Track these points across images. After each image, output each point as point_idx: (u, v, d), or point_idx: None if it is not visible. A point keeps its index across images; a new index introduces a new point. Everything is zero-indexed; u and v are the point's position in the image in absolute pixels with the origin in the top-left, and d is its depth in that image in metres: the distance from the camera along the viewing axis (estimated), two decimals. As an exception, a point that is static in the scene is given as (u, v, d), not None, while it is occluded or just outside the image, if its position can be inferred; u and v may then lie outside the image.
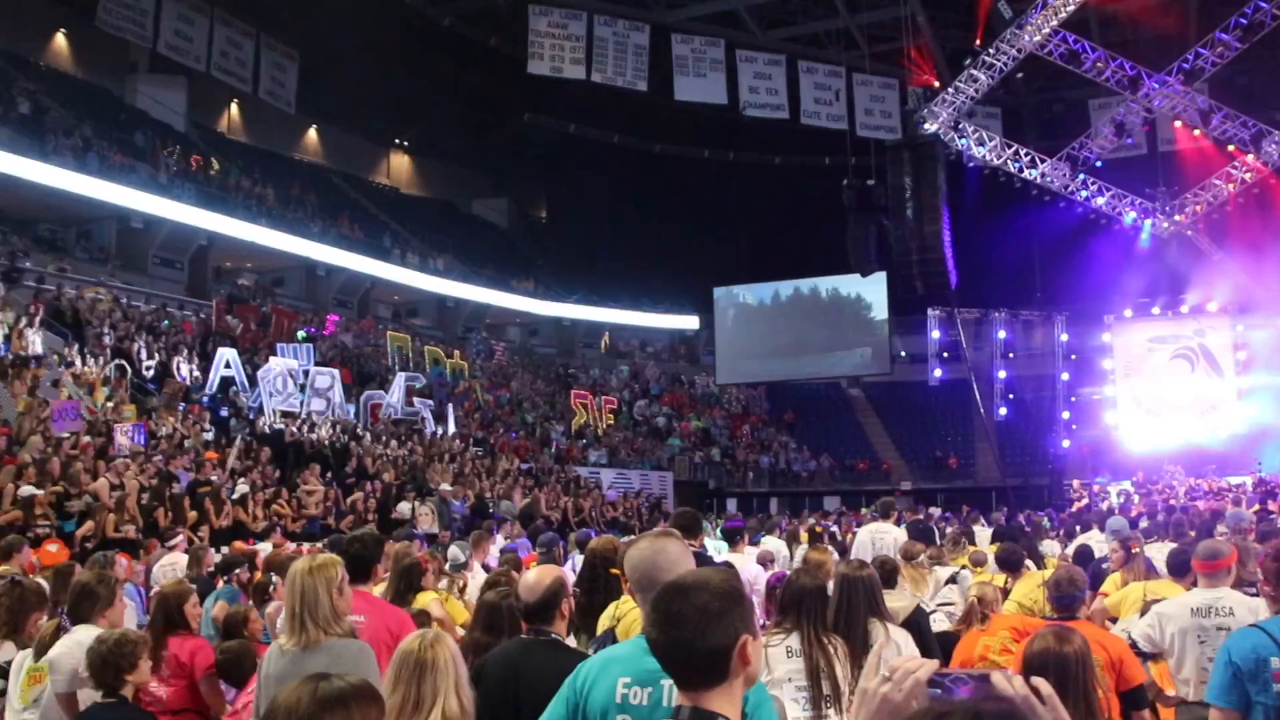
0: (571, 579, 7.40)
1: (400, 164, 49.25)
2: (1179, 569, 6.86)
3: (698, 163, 41.71)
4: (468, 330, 41.37)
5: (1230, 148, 32.37)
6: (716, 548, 9.45)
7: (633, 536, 7.69)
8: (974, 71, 29.61)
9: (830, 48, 36.97)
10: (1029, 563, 8.86)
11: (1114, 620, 7.09)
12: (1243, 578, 6.28)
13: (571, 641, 6.13)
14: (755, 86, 36.28)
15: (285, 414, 22.64)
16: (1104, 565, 8.95)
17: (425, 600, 7.01)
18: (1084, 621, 5.61)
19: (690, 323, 46.15)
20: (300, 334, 28.53)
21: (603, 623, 5.24)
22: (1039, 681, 1.86)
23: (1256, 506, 19.89)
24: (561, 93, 37.46)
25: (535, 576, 4.33)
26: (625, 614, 5.01)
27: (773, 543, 12.03)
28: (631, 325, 46.18)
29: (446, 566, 8.78)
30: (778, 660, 4.83)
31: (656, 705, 2.97)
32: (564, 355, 44.42)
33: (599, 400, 38.12)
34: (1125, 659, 5.08)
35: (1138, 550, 8.12)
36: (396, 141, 48.51)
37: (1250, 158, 31.73)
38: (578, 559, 9.69)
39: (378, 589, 6.07)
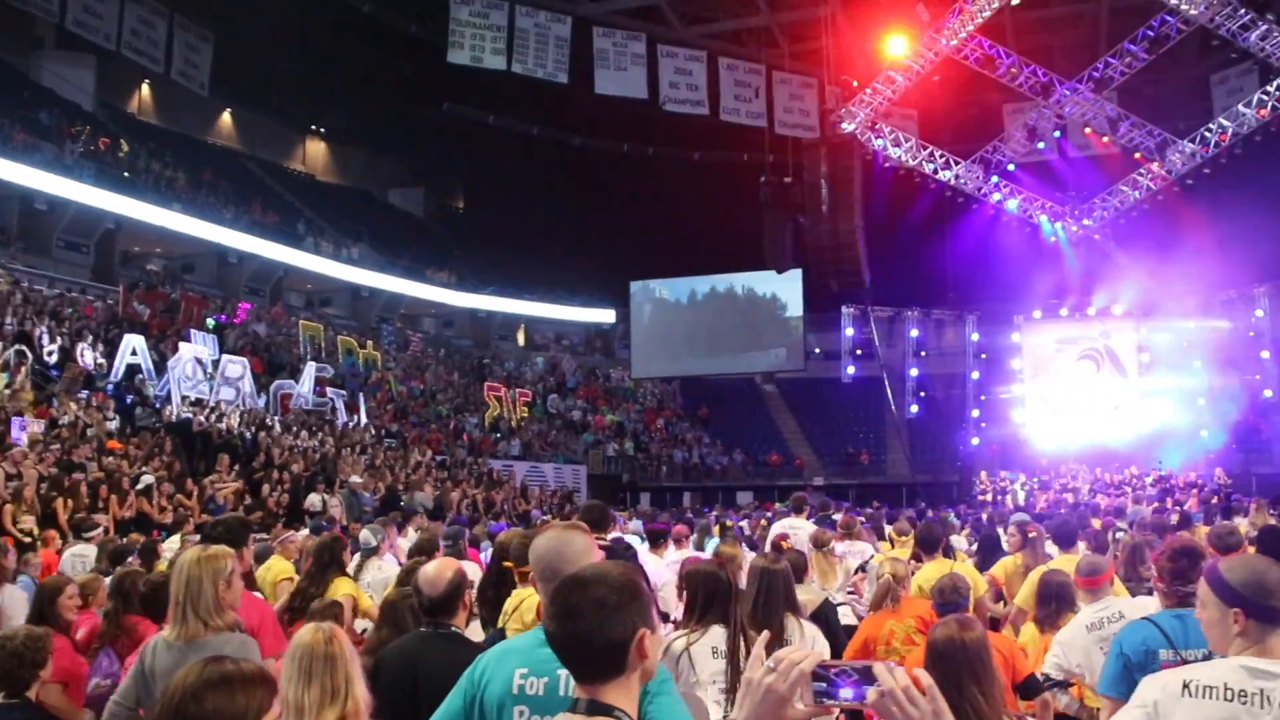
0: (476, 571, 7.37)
1: (316, 150, 48.56)
2: (1065, 540, 7.44)
3: (617, 156, 41.68)
4: (382, 320, 40.93)
5: (1136, 155, 33.20)
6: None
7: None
8: (891, 73, 29.95)
9: (751, 45, 37.11)
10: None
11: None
12: (1142, 576, 6.43)
13: (478, 634, 6.09)
14: (675, 82, 36.26)
15: (194, 403, 22.21)
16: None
17: (344, 589, 6.92)
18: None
19: (606, 316, 46.12)
20: (210, 322, 27.99)
21: (503, 616, 5.20)
22: (919, 672, 1.89)
23: (1155, 504, 20.43)
24: (481, 83, 37.11)
25: (436, 570, 4.28)
26: (520, 604, 4.98)
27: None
28: (548, 318, 46.03)
29: (355, 555, 8.67)
30: (703, 660, 4.75)
31: (552, 694, 2.96)
32: (479, 347, 44.14)
33: (513, 393, 37.96)
34: (1014, 654, 5.23)
35: (1034, 535, 8.36)
36: (313, 128, 47.82)
37: (1155, 166, 32.57)
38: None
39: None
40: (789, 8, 35.12)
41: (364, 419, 28.47)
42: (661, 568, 8.81)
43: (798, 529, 10.58)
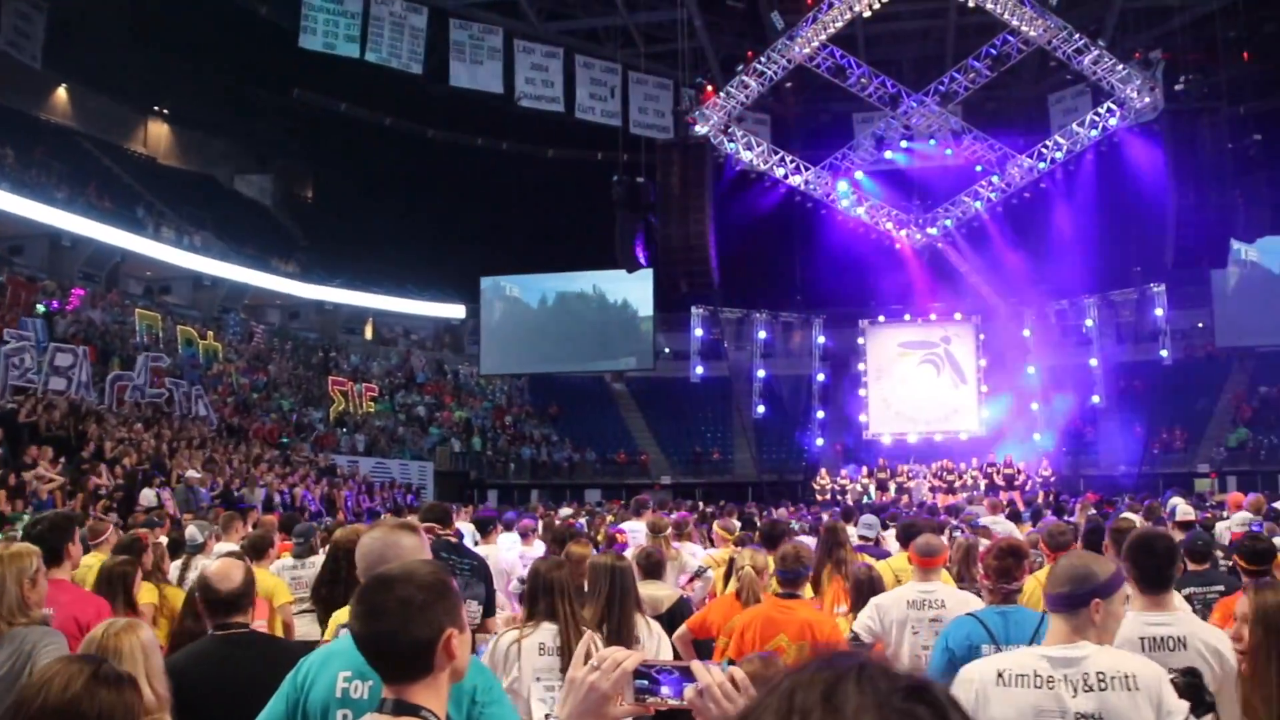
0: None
1: (158, 133, 46.87)
2: (910, 542, 7.36)
3: (470, 150, 41.32)
4: (225, 311, 39.74)
5: (978, 168, 34.35)
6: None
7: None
8: (745, 78, 30.34)
9: (608, 44, 37.21)
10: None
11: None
12: (973, 576, 6.61)
13: (315, 632, 5.94)
14: (531, 78, 36.13)
15: (19, 391, 21.23)
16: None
17: (145, 597, 6.65)
18: (804, 600, 5.91)
19: (456, 312, 45.70)
20: (40, 308, 26.82)
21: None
22: (734, 670, 1.92)
23: (996, 502, 21.10)
24: (333, 70, 36.37)
25: (223, 568, 4.15)
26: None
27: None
28: (397, 312, 45.37)
29: (163, 555, 8.35)
30: (530, 656, 4.75)
31: (376, 697, 2.89)
32: (326, 340, 43.23)
33: (359, 387, 37.32)
34: (835, 639, 5.38)
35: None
36: (155, 109, 46.14)
37: (995, 178, 33.74)
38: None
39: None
40: (646, 9, 35.30)
41: (203, 411, 27.63)
42: (498, 554, 8.77)
43: (636, 532, 10.64)
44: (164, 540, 8.70)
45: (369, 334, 45.68)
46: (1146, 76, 28.70)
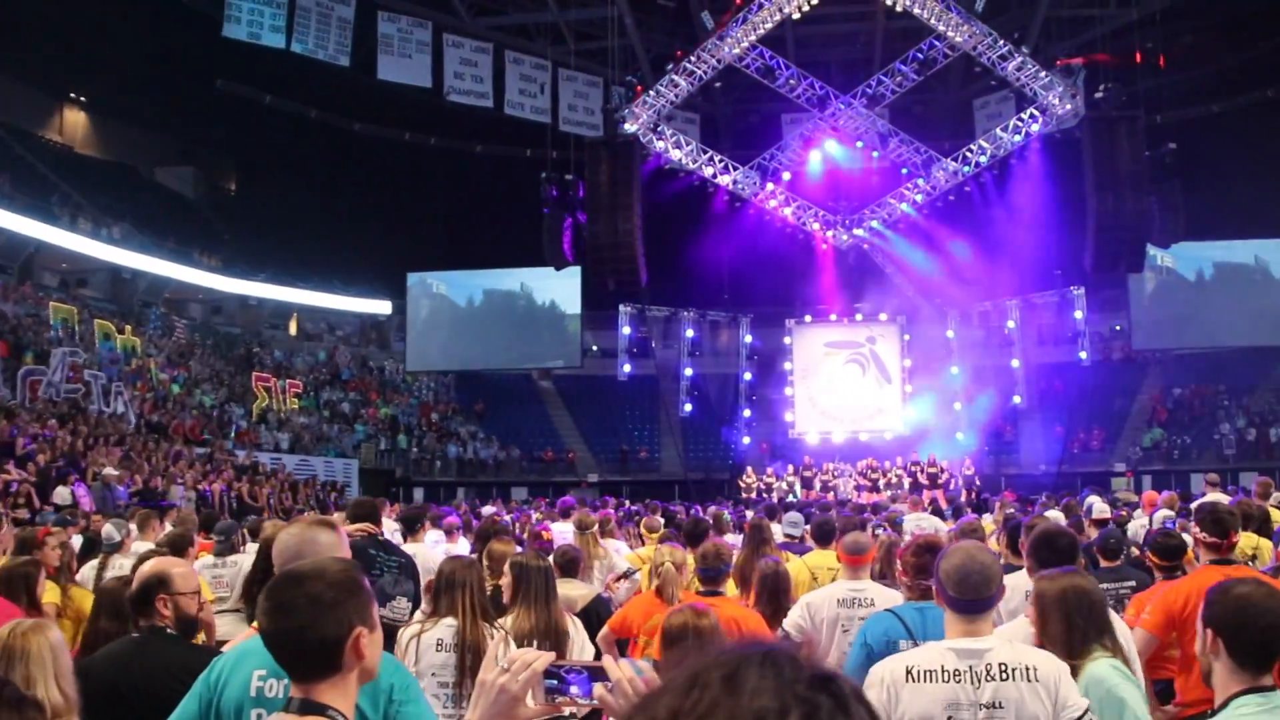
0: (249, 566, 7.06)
1: (75, 120, 45.81)
2: (823, 538, 7.68)
3: (398, 145, 40.90)
4: (145, 305, 38.96)
5: (904, 170, 34.75)
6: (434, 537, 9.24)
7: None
8: (675, 77, 30.40)
9: (538, 41, 37.10)
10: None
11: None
12: (894, 574, 6.69)
13: (238, 632, 5.84)
14: (461, 72, 35.92)
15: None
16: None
17: (47, 596, 6.49)
18: (726, 598, 6.00)
19: (382, 307, 45.30)
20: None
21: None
22: (644, 664, 1.92)
23: (917, 500, 21.37)
24: (258, 61, 35.81)
25: (158, 566, 4.08)
26: None
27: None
28: (322, 307, 44.79)
29: (73, 554, 8.18)
30: (427, 652, 4.80)
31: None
32: (249, 335, 42.60)
33: (283, 383, 36.83)
34: (757, 633, 5.42)
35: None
36: (72, 95, 45.09)
37: (921, 181, 34.15)
38: (253, 546, 9.30)
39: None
40: (577, 6, 35.29)
41: (121, 408, 27.08)
42: (426, 551, 8.70)
43: (565, 531, 10.62)
44: (76, 539, 8.52)
45: (293, 329, 45.10)
46: (1068, 84, 29.20)
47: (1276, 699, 2.92)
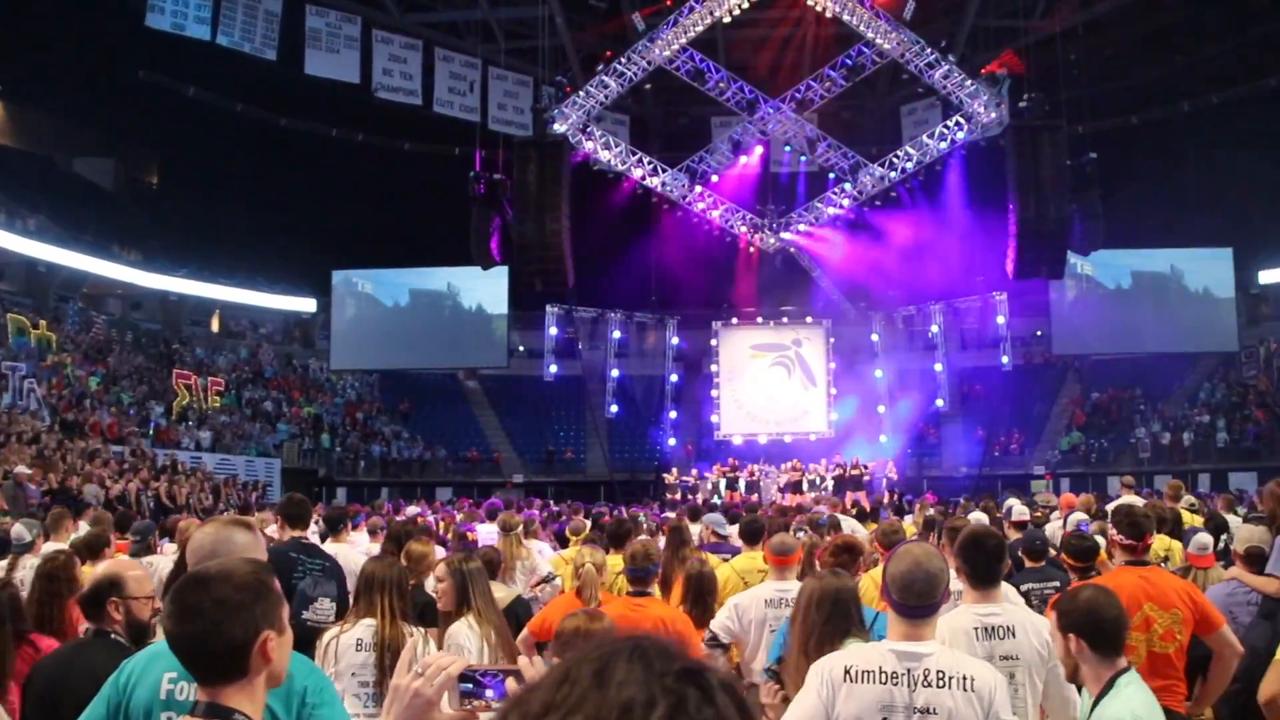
0: (167, 568, 6.93)
1: (-10, 110, 44.77)
2: (752, 538, 7.69)
3: (325, 141, 40.34)
4: (61, 299, 38.13)
5: (831, 175, 35.04)
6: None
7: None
8: (605, 78, 30.39)
9: (468, 38, 36.88)
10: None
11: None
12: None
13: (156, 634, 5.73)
14: (389, 69, 35.55)
15: None
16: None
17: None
18: (656, 598, 5.98)
19: (307, 305, 44.78)
20: None
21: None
22: (543, 659, 1.93)
23: (835, 501, 21.60)
24: (182, 52, 35.14)
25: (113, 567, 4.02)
26: None
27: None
28: (245, 304, 44.14)
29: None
30: (346, 652, 4.78)
31: None
32: (170, 332, 41.83)
33: (204, 381, 36.25)
34: (685, 633, 5.45)
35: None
36: (-13, 84, 44.06)
37: (847, 186, 34.46)
38: (169, 547, 9.15)
39: None
40: (508, 4, 35.12)
41: (35, 405, 26.48)
42: (349, 553, 8.60)
43: (489, 533, 10.60)
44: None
45: (215, 326, 44.39)
46: (993, 93, 29.65)
47: (1135, 674, 3.60)
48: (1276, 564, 6.08)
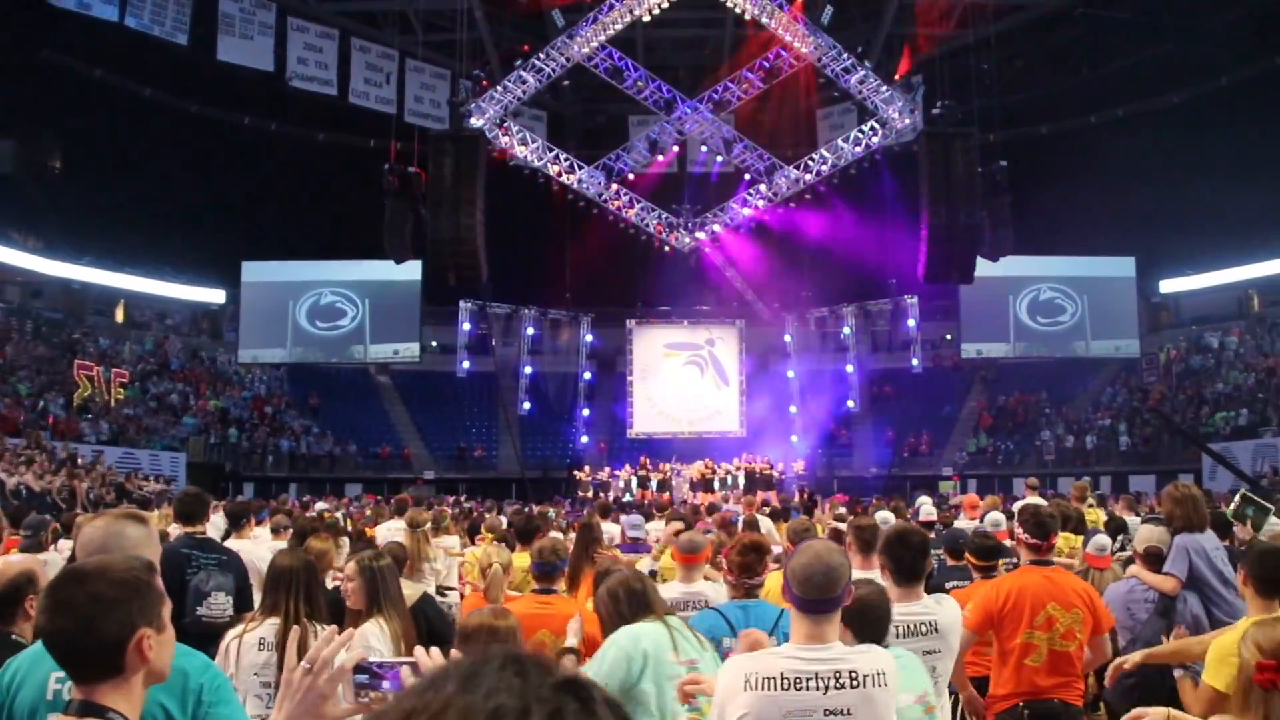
0: (60, 564, 6.73)
1: (-121, 88, 43.11)
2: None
3: (236, 129, 39.53)
4: (-44, 287, 36.99)
5: (746, 176, 35.27)
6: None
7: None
8: (523, 73, 30.26)
9: (386, 29, 36.51)
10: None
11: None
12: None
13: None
14: (305, 58, 35.10)
15: None
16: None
17: None
18: (564, 596, 5.99)
19: (216, 296, 43.98)
20: None
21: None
22: (455, 654, 1.90)
23: (749, 500, 21.73)
24: (89, 33, 34.25)
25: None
26: None
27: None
28: (151, 294, 43.18)
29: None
30: (248, 652, 4.71)
31: None
32: (72, 321, 40.76)
33: (108, 372, 35.38)
34: (592, 633, 5.36)
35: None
36: (-124, 61, 42.44)
37: (762, 187, 34.71)
38: (66, 544, 8.90)
39: None
40: (426, -4, 34.79)
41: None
42: (253, 548, 8.44)
43: (395, 529, 10.49)
44: None
45: (120, 316, 43.35)
46: (907, 100, 30.07)
47: None
48: (1174, 563, 6.25)
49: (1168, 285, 42.13)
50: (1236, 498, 9.48)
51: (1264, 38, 35.75)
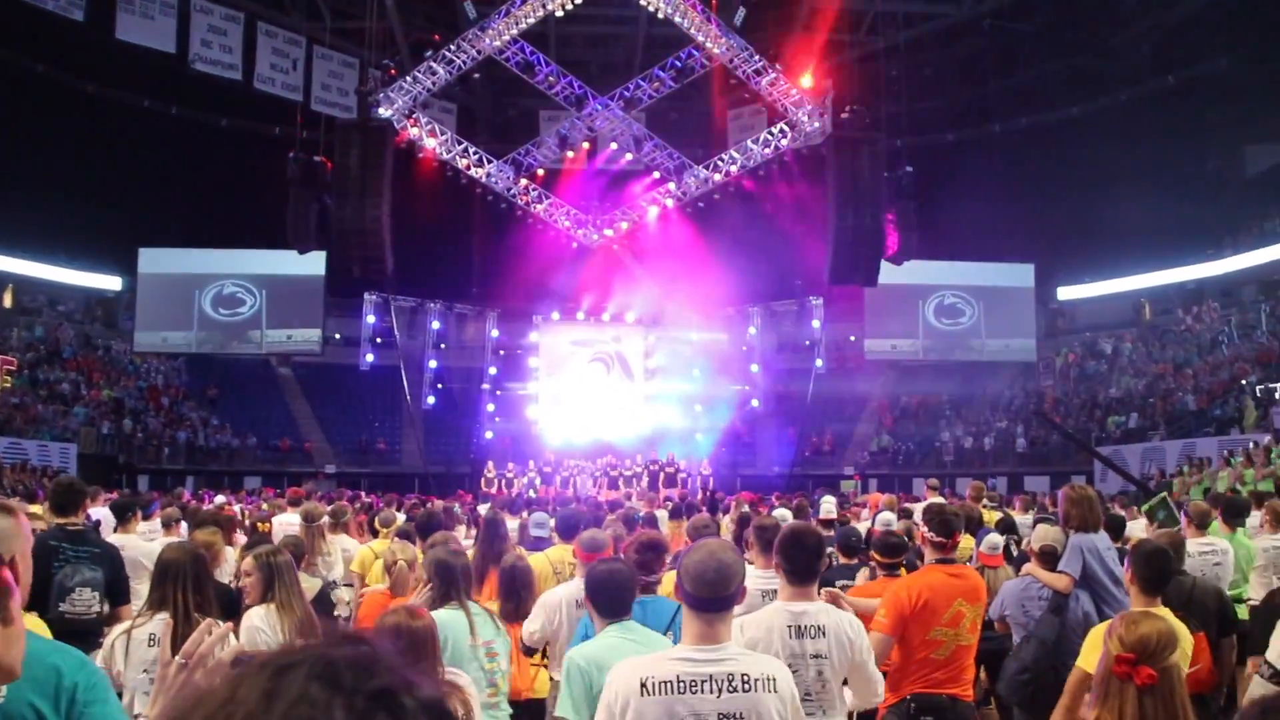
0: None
1: None
2: (567, 533, 7.74)
3: (135, 111, 38.49)
4: None
5: (655, 174, 35.35)
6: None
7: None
8: (433, 64, 29.95)
9: (294, 15, 35.91)
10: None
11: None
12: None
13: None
14: (209, 40, 34.35)
15: None
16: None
17: None
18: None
19: (111, 283, 42.83)
20: None
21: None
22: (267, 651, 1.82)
23: (652, 496, 21.83)
24: (-25, 6, 33.08)
25: None
26: None
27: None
28: (42, 279, 41.83)
29: None
30: (137, 649, 4.59)
31: None
32: (-43, 305, 39.42)
33: (-6, 359, 34.26)
34: (510, 628, 5.42)
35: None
36: None
37: (672, 185, 34.82)
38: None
39: None
40: (336, -19, 34.29)
41: None
42: (137, 544, 8.20)
43: (291, 524, 10.31)
44: None
45: (8, 302, 41.95)
46: (816, 104, 30.37)
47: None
48: (1068, 562, 6.38)
49: (1065, 292, 43.21)
50: (1155, 498, 9.85)
51: (1163, 56, 36.84)
